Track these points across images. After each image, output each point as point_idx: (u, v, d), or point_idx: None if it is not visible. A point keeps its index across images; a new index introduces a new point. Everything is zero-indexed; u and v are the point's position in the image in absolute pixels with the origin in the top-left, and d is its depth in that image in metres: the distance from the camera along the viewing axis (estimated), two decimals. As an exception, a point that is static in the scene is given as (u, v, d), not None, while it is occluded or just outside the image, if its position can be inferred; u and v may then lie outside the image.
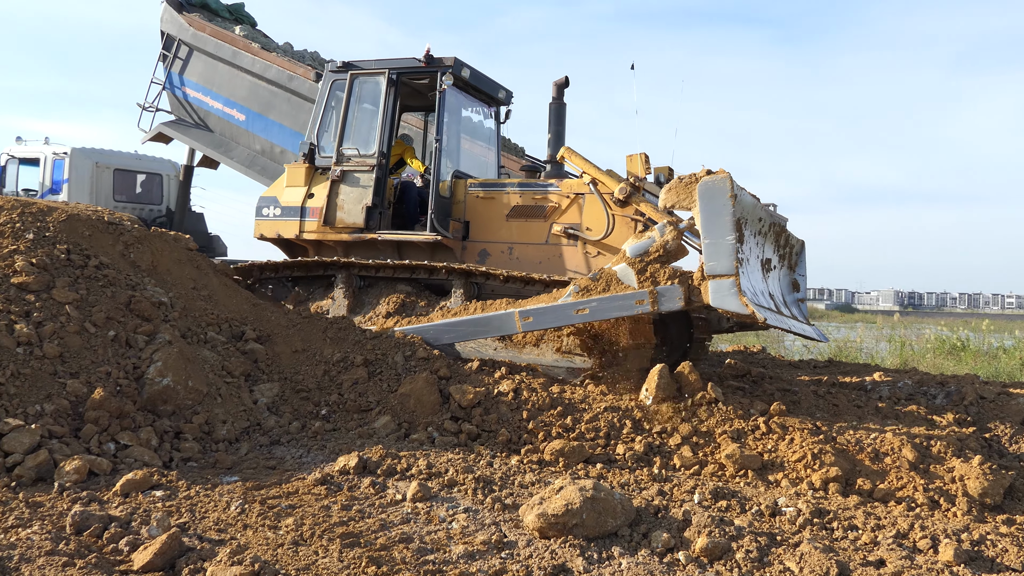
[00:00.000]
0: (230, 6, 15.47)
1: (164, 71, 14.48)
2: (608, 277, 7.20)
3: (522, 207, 9.33)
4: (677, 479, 5.62)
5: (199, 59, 13.99)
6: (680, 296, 6.85)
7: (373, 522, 4.52)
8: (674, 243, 7.16)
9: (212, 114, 13.91)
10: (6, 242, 6.63)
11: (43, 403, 5.47)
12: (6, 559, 3.63)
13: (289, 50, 14.40)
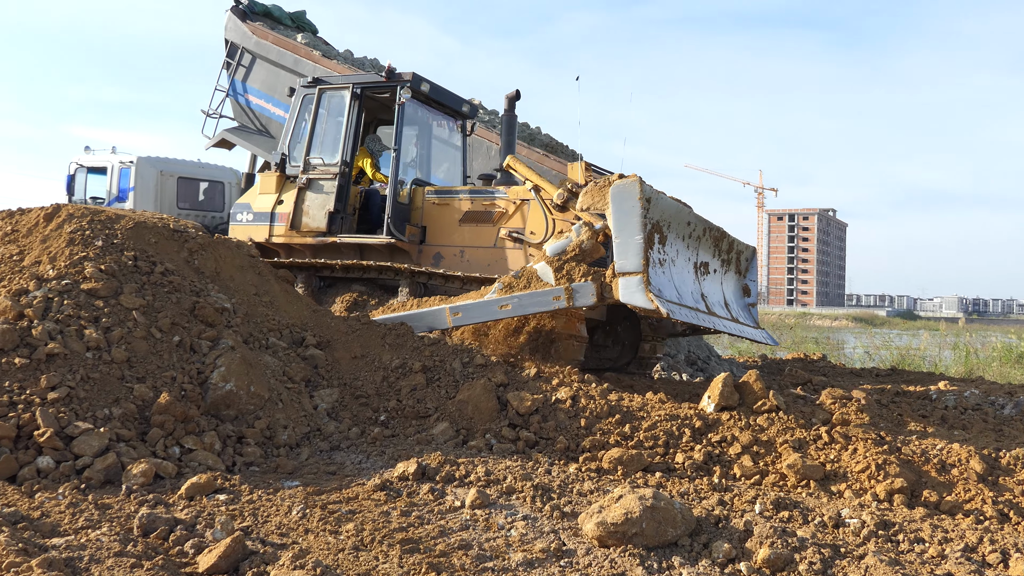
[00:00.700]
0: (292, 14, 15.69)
1: (228, 78, 14.75)
2: (529, 275, 7.63)
3: (473, 212, 9.76)
4: (737, 489, 5.56)
5: (261, 66, 14.21)
6: (593, 292, 7.24)
7: (432, 528, 4.55)
8: (589, 243, 7.61)
9: (273, 120, 14.12)
10: (76, 249, 6.79)
11: (111, 407, 5.59)
12: (77, 559, 3.72)
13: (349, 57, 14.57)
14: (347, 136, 10.31)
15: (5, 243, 7.14)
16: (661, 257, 7.43)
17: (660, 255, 7.41)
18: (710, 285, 8.61)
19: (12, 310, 5.97)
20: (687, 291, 7.76)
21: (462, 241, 9.78)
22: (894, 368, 13.89)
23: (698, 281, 8.25)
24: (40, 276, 6.46)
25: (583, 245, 7.60)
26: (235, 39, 14.52)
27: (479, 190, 10.02)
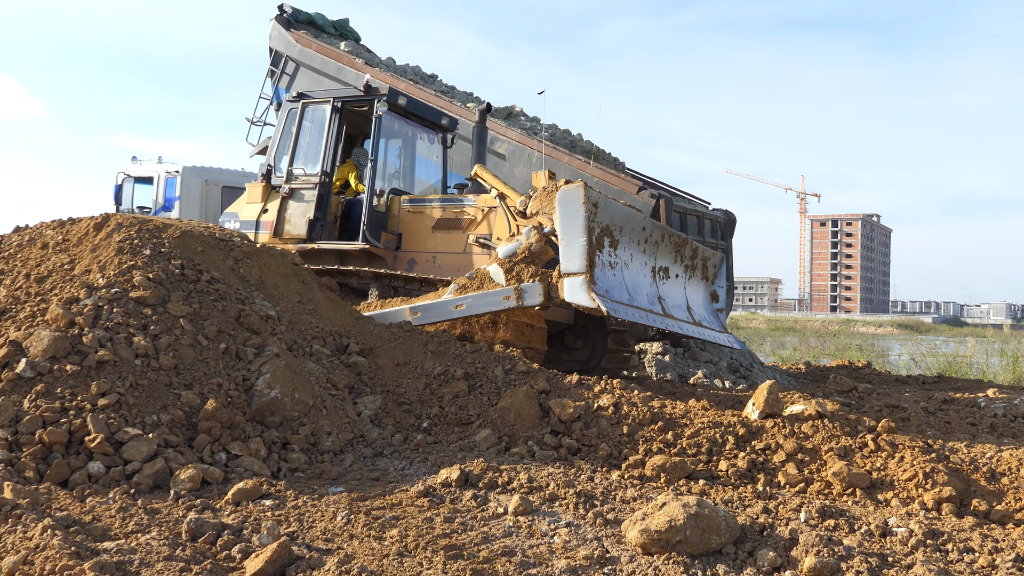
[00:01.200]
0: (335, 22, 15.85)
1: (272, 86, 14.93)
2: (482, 276, 8.03)
3: (444, 220, 10.12)
4: (782, 497, 5.51)
5: (305, 74, 14.38)
6: (540, 292, 7.65)
7: (476, 535, 4.56)
8: (538, 245, 8.01)
9: None
10: (125, 258, 6.91)
11: (159, 413, 5.68)
12: (127, 563, 3.78)
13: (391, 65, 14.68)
14: (327, 148, 10.67)
15: (56, 252, 7.28)
16: (612, 260, 7.84)
17: (611, 258, 7.83)
18: (671, 289, 9.03)
19: (64, 318, 6.09)
20: (642, 293, 8.19)
21: (434, 247, 10.15)
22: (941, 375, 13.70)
23: (656, 285, 8.70)
24: (90, 284, 6.58)
25: (532, 248, 8.00)
26: (279, 48, 14.71)
27: (450, 198, 10.44)
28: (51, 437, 5.20)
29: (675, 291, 9.14)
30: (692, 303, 9.42)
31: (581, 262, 7.34)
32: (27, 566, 3.66)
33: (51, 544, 3.76)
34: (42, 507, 4.46)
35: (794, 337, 33.97)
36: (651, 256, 8.68)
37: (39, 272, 6.98)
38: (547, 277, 7.66)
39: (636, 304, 7.96)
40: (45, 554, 3.69)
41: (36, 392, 5.51)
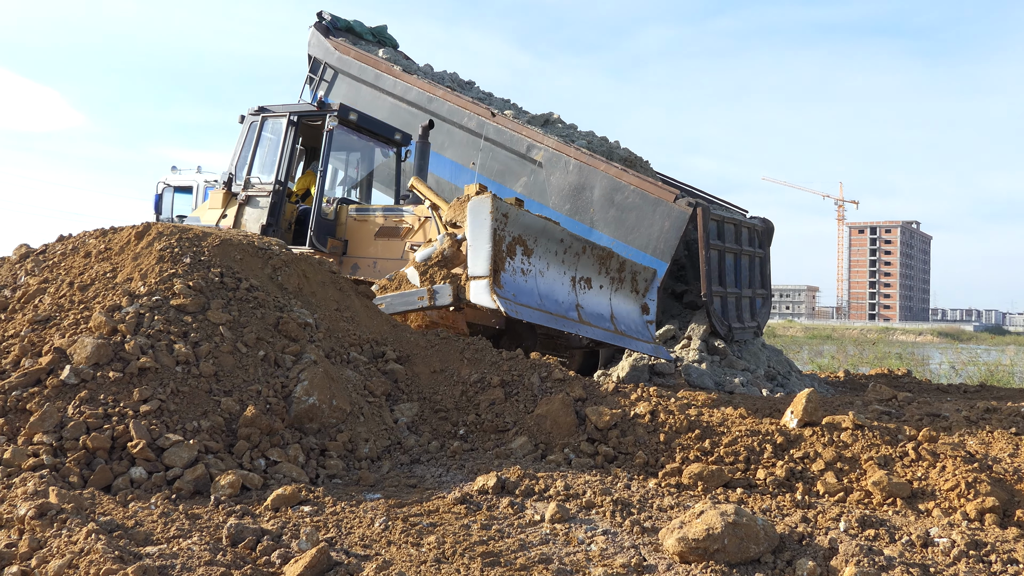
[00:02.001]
0: (373, 29, 15.97)
1: (311, 93, 15.07)
2: (401, 278, 8.67)
3: (385, 228, 10.79)
4: (821, 506, 5.47)
5: (343, 81, 14.50)
6: (450, 293, 8.23)
7: (512, 542, 4.57)
8: (450, 251, 8.54)
9: None
10: (166, 266, 7.00)
11: (200, 419, 5.75)
12: (169, 567, 3.83)
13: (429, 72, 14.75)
14: (283, 158, 11.44)
15: (99, 261, 7.40)
16: (525, 267, 8.49)
17: (524, 265, 8.50)
18: (593, 298, 9.62)
19: (106, 325, 6.19)
20: (557, 300, 8.81)
21: (376, 253, 10.73)
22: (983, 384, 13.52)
23: (575, 293, 9.31)
24: (132, 292, 6.68)
25: (445, 252, 8.57)
26: (318, 55, 14.84)
27: (391, 208, 11.15)
28: (94, 443, 5.28)
29: (598, 300, 9.71)
30: (617, 313, 10.00)
31: (486, 266, 7.94)
32: (72, 570, 3.72)
33: (95, 548, 3.81)
34: (86, 512, 4.52)
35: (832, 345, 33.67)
36: (570, 266, 9.26)
37: (82, 280, 7.09)
38: (457, 280, 8.27)
39: (546, 309, 8.53)
40: (89, 558, 3.75)
41: (80, 398, 5.59)
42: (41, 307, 6.83)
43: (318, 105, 11.38)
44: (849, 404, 7.53)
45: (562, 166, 11.44)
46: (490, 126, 12.23)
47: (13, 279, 7.64)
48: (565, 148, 11.54)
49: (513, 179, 12.09)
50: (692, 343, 10.93)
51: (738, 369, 10.91)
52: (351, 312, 8.01)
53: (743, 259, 12.24)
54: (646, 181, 10.94)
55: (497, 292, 7.93)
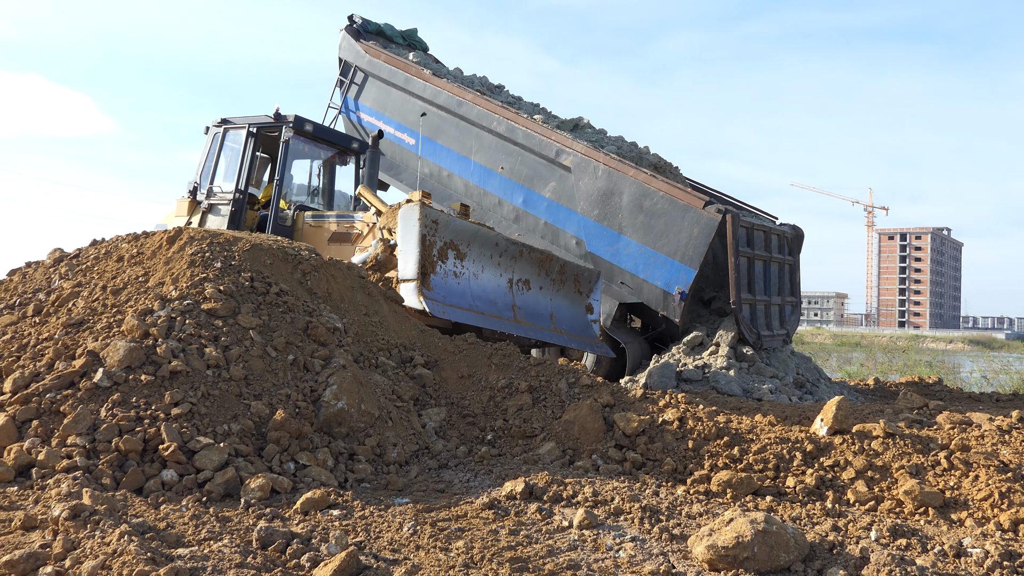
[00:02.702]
0: (404, 32, 16.01)
1: (340, 96, 15.13)
2: None
3: (338, 233, 11.17)
4: (852, 514, 5.43)
5: (373, 84, 14.55)
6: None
7: (541, 548, 4.56)
8: (384, 255, 9.10)
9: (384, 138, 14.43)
10: (197, 270, 7.06)
11: (230, 423, 5.79)
12: (200, 569, 3.86)
13: (459, 75, 14.77)
14: (242, 168, 12.02)
15: (131, 265, 7.47)
16: (457, 270, 8.94)
17: (456, 268, 8.95)
18: (531, 299, 10.07)
19: (138, 329, 6.25)
20: (492, 300, 9.26)
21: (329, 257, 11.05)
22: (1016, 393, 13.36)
23: (512, 294, 9.76)
24: (164, 296, 6.74)
25: (379, 257, 9.15)
26: (348, 58, 14.90)
27: (343, 214, 11.58)
28: (127, 445, 5.33)
29: (537, 301, 10.18)
30: (558, 313, 10.42)
31: (414, 270, 8.39)
32: (105, 571, 3.76)
33: (128, 550, 3.85)
34: (119, 513, 4.57)
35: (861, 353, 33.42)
36: (507, 269, 9.74)
37: (115, 284, 7.17)
38: (389, 283, 8.73)
39: (478, 309, 9.02)
40: (122, 559, 3.79)
41: (112, 401, 5.65)
42: (75, 310, 6.91)
43: (275, 117, 11.93)
44: (879, 412, 7.46)
45: (591, 171, 11.41)
46: (519, 130, 12.22)
47: (47, 283, 7.74)
48: (594, 153, 11.51)
49: (542, 184, 12.07)
50: (720, 350, 10.86)
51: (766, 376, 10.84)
52: (379, 317, 8.04)
53: (772, 266, 12.16)
54: (675, 187, 10.89)
55: (425, 294, 8.35)
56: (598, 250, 11.47)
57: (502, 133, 12.50)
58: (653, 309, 11.17)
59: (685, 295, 10.74)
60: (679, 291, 10.79)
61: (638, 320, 12.06)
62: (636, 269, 11.19)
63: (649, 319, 11.62)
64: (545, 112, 14.20)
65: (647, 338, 11.68)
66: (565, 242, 11.93)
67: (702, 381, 10.52)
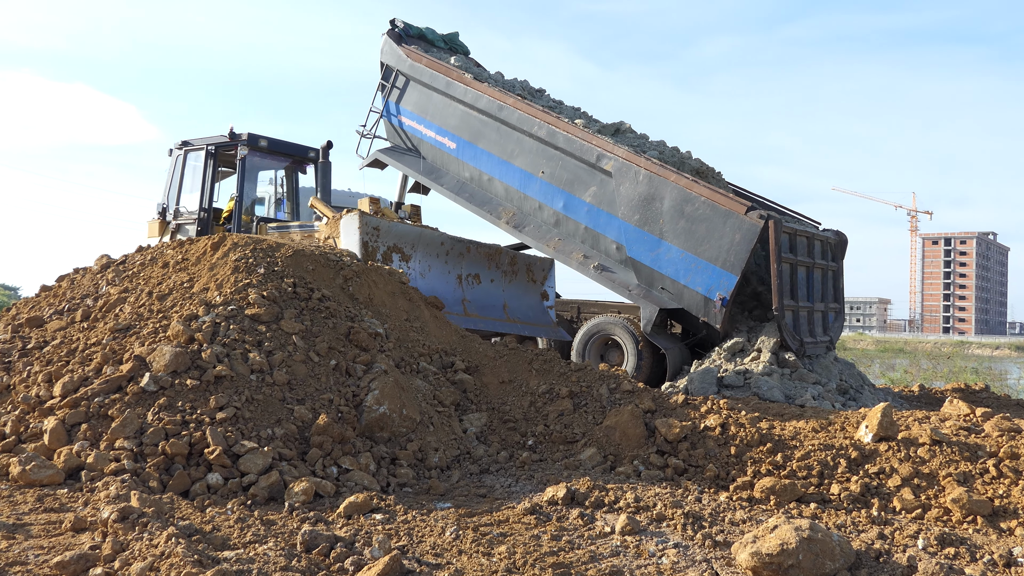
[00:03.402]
0: (445, 36, 16.04)
1: (382, 100, 15.18)
2: None
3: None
4: (898, 522, 5.35)
5: (415, 88, 14.57)
6: None
7: (583, 553, 4.55)
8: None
9: (425, 142, 14.45)
10: (241, 276, 7.14)
11: (273, 427, 5.84)
12: (246, 572, 3.89)
13: (500, 79, 14.77)
14: (204, 186, 12.53)
15: (176, 271, 7.57)
16: (404, 270, 9.36)
17: (403, 268, 9.53)
18: (482, 292, 10.76)
19: (184, 334, 6.33)
20: (440, 296, 9.50)
21: None
22: (1065, 399, 13.10)
23: (461, 289, 10.46)
24: (208, 302, 6.82)
25: None
26: (390, 62, 14.94)
27: (305, 224, 11.84)
28: (173, 449, 5.40)
29: (489, 293, 10.87)
30: (511, 303, 11.14)
31: None
32: (153, 572, 3.81)
33: (175, 552, 3.90)
34: (166, 516, 4.63)
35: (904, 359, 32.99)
36: (454, 265, 10.42)
37: (160, 290, 7.27)
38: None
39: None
40: (170, 561, 3.84)
41: (159, 405, 5.73)
42: (122, 316, 7.02)
43: (229, 136, 12.45)
44: (925, 419, 7.35)
45: (632, 176, 11.35)
46: (560, 135, 12.18)
47: (95, 289, 7.87)
48: (635, 158, 11.45)
49: (582, 188, 12.02)
50: (762, 355, 10.76)
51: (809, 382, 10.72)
52: (420, 322, 8.08)
53: (815, 272, 12.02)
54: (717, 192, 10.80)
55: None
56: (638, 255, 11.41)
57: (543, 137, 12.46)
58: (694, 315, 11.09)
59: (727, 301, 10.65)
60: (720, 297, 10.70)
61: (678, 326, 11.98)
62: (677, 275, 11.11)
63: (690, 325, 11.53)
64: (586, 116, 14.14)
65: (687, 344, 11.60)
66: (605, 247, 11.88)
67: (743, 387, 10.43)
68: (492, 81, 14.19)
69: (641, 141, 13.22)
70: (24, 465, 5.28)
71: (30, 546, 4.19)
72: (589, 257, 11.95)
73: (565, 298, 13.95)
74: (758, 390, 10.30)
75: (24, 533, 4.40)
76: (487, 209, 13.26)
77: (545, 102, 14.51)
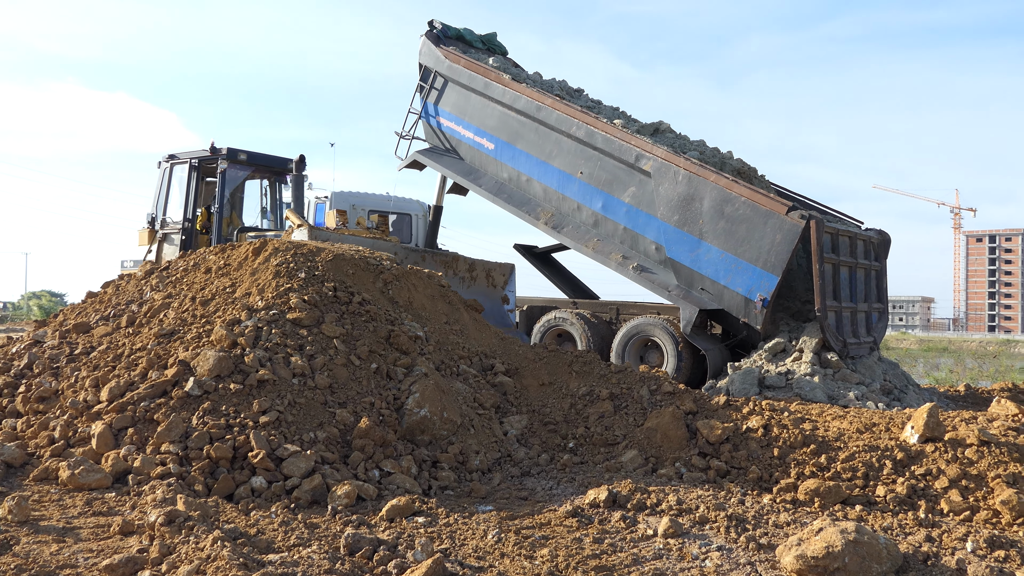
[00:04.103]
0: (483, 36, 16.05)
1: (421, 101, 15.22)
2: None
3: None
4: (946, 525, 5.27)
5: (453, 90, 14.58)
6: None
7: (625, 556, 4.54)
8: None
9: (463, 143, 14.46)
10: (282, 281, 7.21)
11: (316, 431, 5.89)
12: (291, 575, 3.93)
13: (538, 80, 14.75)
14: (188, 199, 13.28)
15: (219, 276, 7.66)
16: None
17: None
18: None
19: (227, 339, 6.40)
20: None
21: None
22: (1116, 399, 12.83)
23: None
24: (250, 307, 6.89)
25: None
26: (428, 63, 14.96)
27: (279, 231, 12.40)
28: (217, 452, 5.46)
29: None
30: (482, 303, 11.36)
31: None
32: (200, 575, 3.85)
33: (221, 555, 3.94)
34: (211, 519, 4.68)
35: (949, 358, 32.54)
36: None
37: (203, 295, 7.35)
38: None
39: None
40: (216, 564, 3.88)
41: (203, 409, 5.80)
42: (166, 321, 7.11)
43: (211, 150, 13.19)
44: (972, 419, 7.24)
45: (671, 176, 11.28)
46: (598, 135, 12.13)
47: (139, 294, 7.97)
48: (675, 158, 11.37)
49: (621, 189, 11.95)
50: (803, 356, 10.65)
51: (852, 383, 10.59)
52: (460, 325, 8.10)
53: (858, 272, 11.86)
54: (757, 192, 10.69)
55: None
56: (678, 256, 11.34)
57: (581, 138, 12.41)
58: (734, 316, 11.00)
59: (767, 302, 10.56)
60: (761, 298, 10.61)
61: (718, 326, 11.89)
62: (717, 275, 11.02)
63: (729, 326, 11.44)
64: (625, 116, 14.07)
65: (727, 345, 11.51)
66: (644, 247, 11.82)
67: (785, 388, 10.33)
68: (530, 81, 14.16)
69: (681, 141, 13.14)
70: (73, 469, 5.37)
71: (79, 549, 4.26)
72: (628, 258, 11.89)
73: (603, 299, 13.91)
74: (800, 391, 10.20)
75: (74, 536, 4.47)
76: (525, 210, 13.24)
77: (583, 102, 14.46)
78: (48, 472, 5.54)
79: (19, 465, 5.75)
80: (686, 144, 12.98)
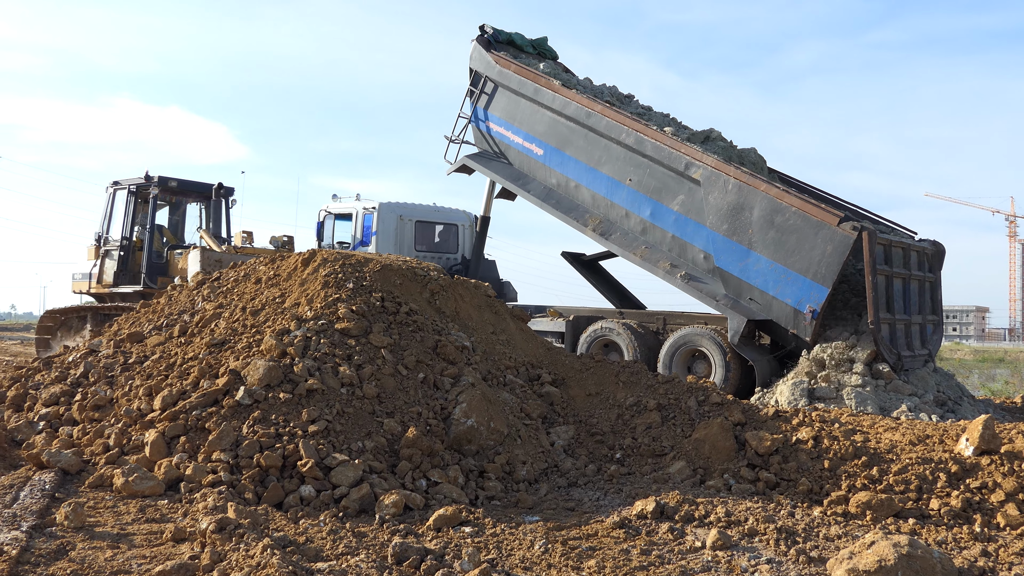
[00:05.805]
0: (534, 41, 16.06)
1: (470, 106, 15.26)
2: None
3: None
4: (1003, 539, 5.16)
5: (503, 95, 14.58)
6: None
7: (673, 568, 4.50)
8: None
9: (512, 148, 14.46)
10: (330, 291, 7.28)
11: (364, 440, 5.93)
12: (339, 584, 3.95)
13: (588, 85, 14.72)
14: (126, 220, 16.03)
15: (268, 287, 7.75)
16: None
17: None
18: None
19: (276, 348, 6.47)
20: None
21: None
22: None
23: None
24: (299, 317, 6.96)
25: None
26: (479, 68, 14.99)
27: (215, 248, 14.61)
28: (267, 461, 5.52)
29: None
30: None
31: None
32: (250, 582, 3.89)
33: (271, 563, 3.98)
34: (261, 527, 4.73)
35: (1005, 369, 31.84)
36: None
37: (253, 305, 7.45)
38: None
39: None
40: (266, 572, 3.92)
41: (253, 418, 5.87)
42: (217, 331, 7.21)
43: (145, 178, 15.79)
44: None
45: (721, 185, 11.18)
46: (648, 142, 12.05)
47: (191, 305, 8.10)
48: (724, 167, 11.27)
49: (670, 197, 11.87)
50: (855, 367, 10.51)
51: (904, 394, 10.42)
52: (507, 335, 8.11)
53: (912, 284, 11.65)
54: (808, 202, 10.56)
55: None
56: (726, 265, 11.24)
57: (631, 145, 12.34)
58: (783, 327, 10.88)
59: (817, 314, 10.42)
60: (811, 309, 10.47)
61: (766, 337, 11.76)
62: (766, 286, 10.91)
63: (778, 336, 11.32)
64: (675, 123, 13.99)
65: (775, 356, 11.38)
66: (692, 256, 11.74)
67: (836, 399, 10.19)
68: (580, 87, 14.13)
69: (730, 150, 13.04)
70: (127, 476, 5.47)
71: (133, 555, 4.34)
72: (676, 266, 11.81)
73: (650, 309, 13.83)
74: (851, 402, 10.06)
75: (127, 543, 4.55)
76: (573, 216, 13.21)
77: (633, 108, 14.41)
78: (103, 479, 5.65)
79: (75, 472, 5.88)
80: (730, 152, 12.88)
